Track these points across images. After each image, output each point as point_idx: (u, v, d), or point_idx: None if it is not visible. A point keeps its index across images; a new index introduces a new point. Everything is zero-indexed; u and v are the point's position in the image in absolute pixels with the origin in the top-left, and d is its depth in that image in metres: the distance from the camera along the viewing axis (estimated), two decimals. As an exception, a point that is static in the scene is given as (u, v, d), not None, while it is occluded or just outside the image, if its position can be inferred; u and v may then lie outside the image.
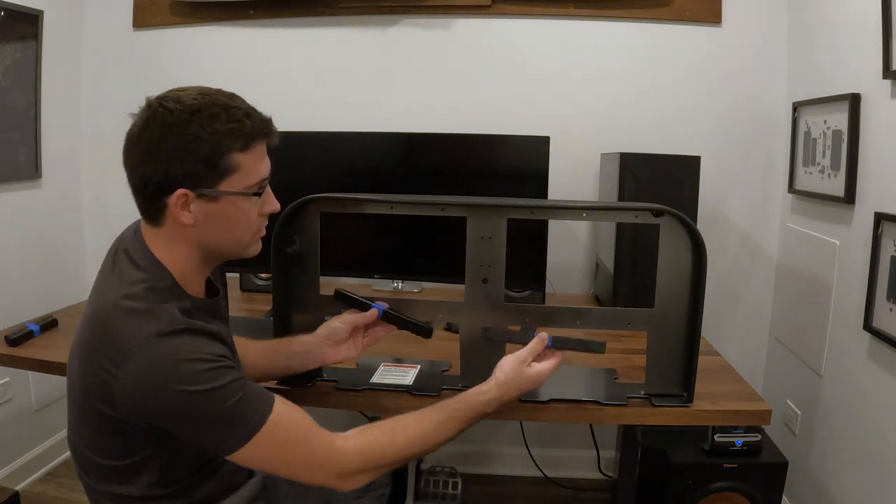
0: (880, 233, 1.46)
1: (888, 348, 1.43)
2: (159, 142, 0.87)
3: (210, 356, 0.85)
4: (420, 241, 1.86)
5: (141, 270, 0.91)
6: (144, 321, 0.84)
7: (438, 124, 2.02)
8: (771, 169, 2.08)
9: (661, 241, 1.19)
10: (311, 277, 1.25)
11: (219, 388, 0.84)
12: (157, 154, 0.87)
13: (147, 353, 0.82)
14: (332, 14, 2.14)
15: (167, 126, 0.87)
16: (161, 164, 0.87)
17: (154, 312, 0.86)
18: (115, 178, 2.56)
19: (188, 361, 0.83)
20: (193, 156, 0.87)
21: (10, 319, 1.63)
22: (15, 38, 1.95)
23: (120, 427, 0.88)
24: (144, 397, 0.83)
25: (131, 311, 0.85)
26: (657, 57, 2.08)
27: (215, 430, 0.85)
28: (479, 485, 2.22)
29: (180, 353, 0.84)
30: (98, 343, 0.86)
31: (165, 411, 0.84)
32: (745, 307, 2.17)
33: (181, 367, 0.83)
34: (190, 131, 0.86)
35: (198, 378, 0.83)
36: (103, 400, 0.86)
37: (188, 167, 0.87)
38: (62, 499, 2.06)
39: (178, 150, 0.87)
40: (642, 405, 1.22)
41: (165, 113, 0.87)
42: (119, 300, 0.86)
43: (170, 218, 0.91)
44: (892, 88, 1.45)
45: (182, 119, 0.87)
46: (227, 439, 0.86)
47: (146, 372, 0.82)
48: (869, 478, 1.52)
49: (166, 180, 0.88)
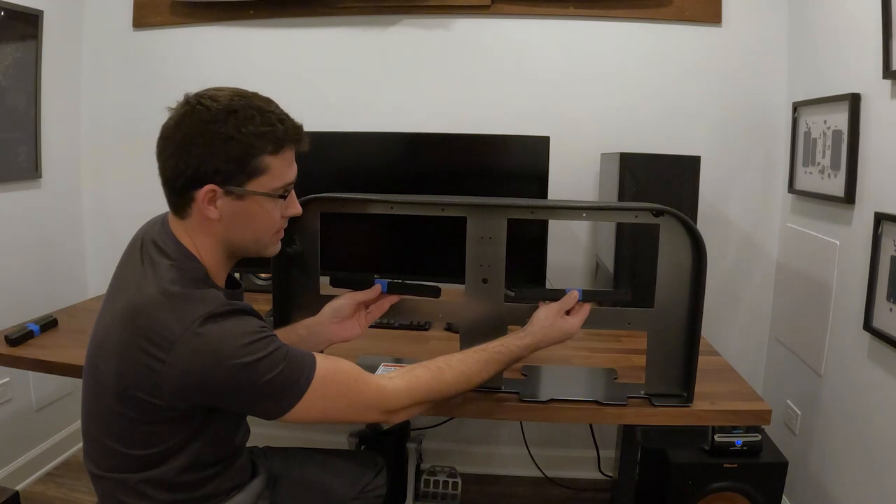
0: (880, 233, 1.46)
1: (888, 348, 1.43)
2: (195, 137, 0.90)
3: (255, 329, 0.90)
4: (420, 241, 1.86)
5: (175, 261, 0.94)
6: (192, 306, 0.88)
7: (438, 124, 2.02)
8: (771, 169, 2.08)
9: (661, 241, 1.19)
10: (311, 277, 1.26)
11: (267, 356, 0.88)
12: (190, 149, 0.90)
13: (199, 335, 0.86)
14: (331, 14, 2.14)
15: (203, 123, 0.90)
16: (193, 159, 0.91)
17: (200, 297, 0.89)
18: (115, 178, 2.57)
19: (238, 336, 0.87)
20: (226, 154, 0.91)
21: (10, 319, 1.63)
22: (15, 38, 1.95)
23: (157, 415, 0.90)
24: (198, 379, 0.86)
25: (177, 298, 0.88)
26: (657, 57, 2.08)
27: (271, 396, 0.90)
28: (479, 485, 2.22)
29: (230, 331, 0.88)
30: (140, 333, 0.87)
31: (221, 388, 0.88)
32: (745, 307, 2.17)
33: (232, 343, 0.86)
34: (225, 130, 0.90)
35: (248, 350, 0.87)
36: (147, 389, 0.88)
37: (219, 164, 0.91)
38: (62, 499, 2.06)
39: (211, 147, 0.90)
40: (642, 405, 1.22)
41: (202, 110, 0.91)
42: (162, 288, 0.89)
43: (195, 211, 0.94)
44: (892, 88, 1.45)
45: (219, 118, 0.90)
46: (283, 401, 0.91)
47: (201, 353, 0.86)
48: (869, 478, 1.52)
49: (197, 175, 0.91)
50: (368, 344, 1.53)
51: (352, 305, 1.23)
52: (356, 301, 1.23)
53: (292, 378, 0.91)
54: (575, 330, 1.20)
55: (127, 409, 0.90)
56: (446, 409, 1.24)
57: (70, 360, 1.34)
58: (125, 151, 2.25)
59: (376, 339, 1.59)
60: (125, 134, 2.25)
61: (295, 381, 0.91)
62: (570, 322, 1.19)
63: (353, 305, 1.23)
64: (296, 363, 0.92)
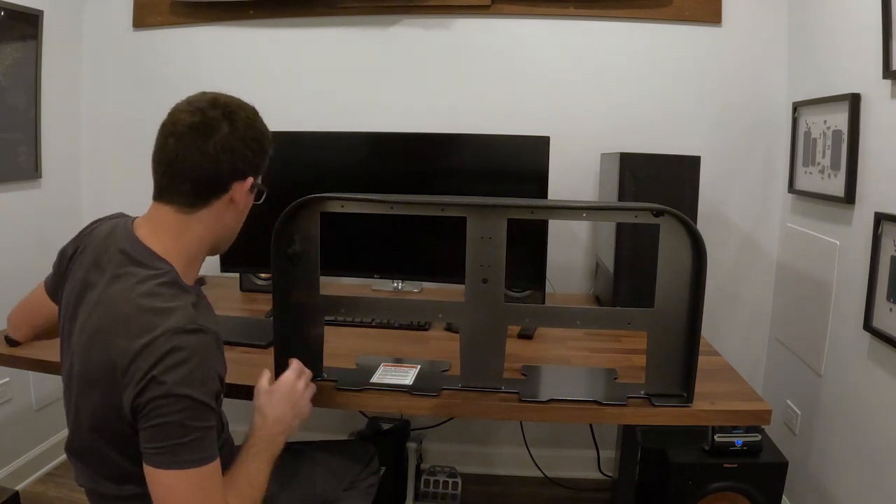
0: (880, 233, 1.46)
1: (888, 348, 1.43)
2: (244, 131, 0.99)
3: (209, 373, 0.89)
4: (420, 241, 1.86)
5: (138, 266, 0.94)
6: (163, 317, 0.88)
7: (438, 124, 2.02)
8: (771, 169, 2.08)
9: (661, 241, 1.19)
10: (311, 277, 1.25)
11: (198, 401, 0.86)
12: (234, 146, 0.97)
13: (165, 342, 0.86)
14: (331, 14, 2.14)
15: (244, 121, 0.99)
16: (238, 154, 0.98)
17: (168, 310, 0.89)
18: (115, 178, 2.57)
19: (197, 361, 0.87)
20: (261, 150, 1.02)
21: (10, 319, 1.63)
22: (15, 38, 1.95)
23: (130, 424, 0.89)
24: (144, 385, 0.85)
25: (145, 310, 0.89)
26: (657, 57, 2.08)
27: (164, 438, 0.85)
28: (479, 485, 2.22)
29: (195, 351, 0.87)
30: (116, 341, 0.88)
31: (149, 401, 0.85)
32: (745, 307, 2.17)
33: (190, 363, 0.86)
34: (257, 127, 1.01)
35: (188, 380, 0.85)
36: (119, 397, 0.88)
37: (258, 161, 1.02)
38: (62, 499, 2.06)
39: (255, 144, 1.00)
40: (642, 405, 1.22)
41: (237, 109, 0.99)
42: (136, 299, 0.90)
43: (218, 205, 1.00)
44: (892, 88, 1.45)
45: (252, 115, 1.01)
46: (164, 454, 0.86)
47: (159, 358, 0.85)
48: (869, 478, 1.52)
49: (238, 169, 0.99)
50: (368, 344, 1.53)
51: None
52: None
53: (196, 444, 0.87)
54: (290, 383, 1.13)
55: (110, 408, 0.90)
56: (447, 409, 1.24)
57: (70, 360, 1.33)
58: (125, 151, 2.25)
59: (376, 339, 1.59)
60: (125, 134, 2.25)
61: (196, 449, 0.87)
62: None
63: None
64: (206, 441, 0.88)
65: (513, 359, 1.40)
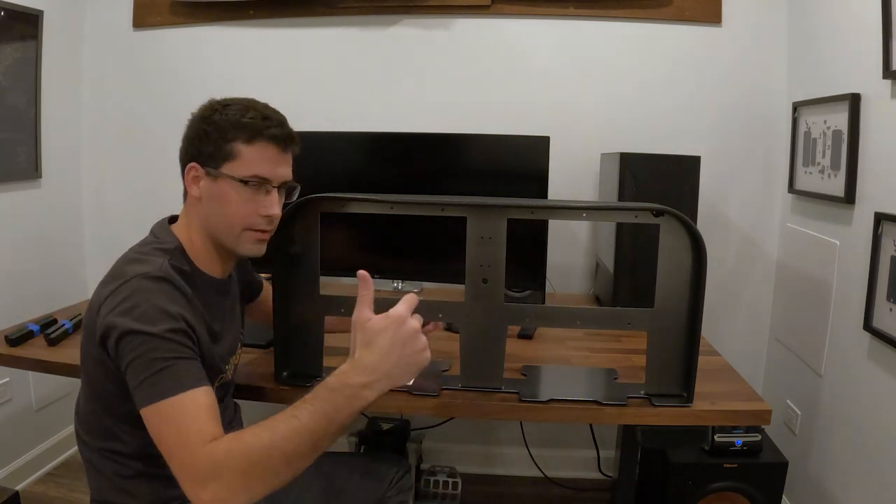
0: (880, 233, 1.46)
1: (888, 348, 1.43)
2: (192, 124, 1.06)
3: (170, 311, 0.91)
4: (420, 241, 1.86)
5: (152, 235, 1.06)
6: (137, 266, 0.95)
7: (438, 124, 2.02)
8: (771, 169, 2.08)
9: (661, 241, 1.19)
10: (311, 277, 1.25)
11: (156, 335, 0.87)
12: (188, 134, 1.06)
13: (126, 287, 0.91)
14: (331, 14, 2.14)
15: (200, 112, 1.06)
16: (185, 141, 1.06)
17: (146, 261, 0.97)
18: (115, 178, 2.57)
19: (151, 301, 0.90)
20: (207, 137, 1.03)
21: (10, 319, 1.63)
22: (15, 38, 1.95)
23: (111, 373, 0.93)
24: (108, 326, 0.89)
25: (130, 260, 0.98)
26: (657, 57, 2.08)
27: (136, 375, 0.86)
28: (479, 485, 2.22)
29: (150, 292, 0.91)
30: (98, 289, 0.96)
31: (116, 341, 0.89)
32: (745, 307, 2.17)
33: (142, 304, 0.89)
34: (213, 118, 1.03)
35: (144, 318, 0.88)
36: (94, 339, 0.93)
37: (202, 147, 1.03)
38: (62, 499, 2.06)
39: (198, 132, 1.04)
40: (642, 405, 1.22)
41: (206, 105, 1.06)
42: (127, 254, 1.01)
43: (189, 192, 1.07)
44: (892, 88, 1.45)
45: (214, 108, 1.04)
46: (140, 390, 0.85)
47: (118, 303, 0.90)
48: (869, 478, 1.52)
49: (186, 155, 1.06)
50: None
51: None
52: None
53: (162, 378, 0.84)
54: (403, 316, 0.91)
55: (92, 366, 0.96)
56: (447, 409, 1.24)
57: (70, 360, 1.33)
58: (125, 151, 2.24)
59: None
60: (125, 134, 2.24)
61: (160, 382, 0.84)
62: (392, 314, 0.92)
63: None
64: (174, 372, 0.85)
65: (513, 359, 1.40)
